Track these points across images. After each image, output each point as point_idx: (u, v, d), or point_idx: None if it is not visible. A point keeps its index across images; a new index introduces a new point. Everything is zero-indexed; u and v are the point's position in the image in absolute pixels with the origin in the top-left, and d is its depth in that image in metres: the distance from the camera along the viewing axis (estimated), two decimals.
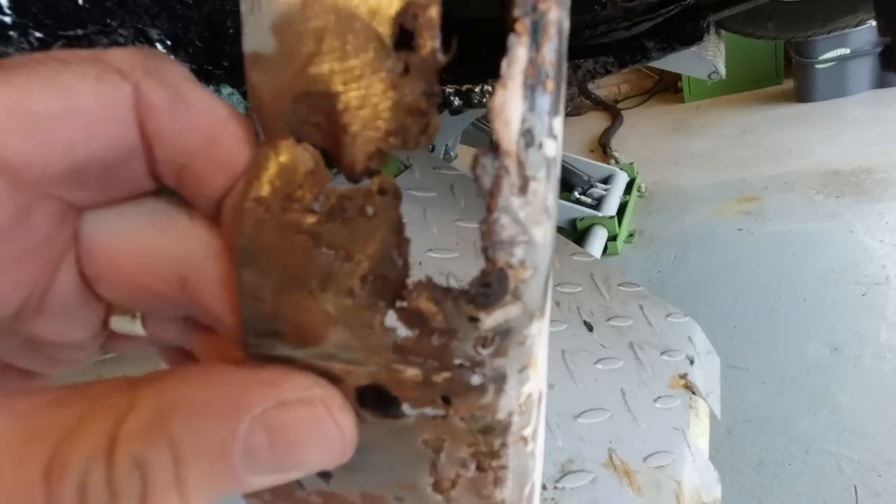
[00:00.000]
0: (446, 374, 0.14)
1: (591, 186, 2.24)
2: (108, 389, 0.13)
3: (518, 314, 0.13)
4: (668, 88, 3.67)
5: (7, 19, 0.25)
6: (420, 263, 0.55)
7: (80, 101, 0.13)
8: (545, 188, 0.13)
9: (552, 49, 0.12)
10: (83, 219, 0.15)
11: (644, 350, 0.57)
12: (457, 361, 0.14)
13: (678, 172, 2.54)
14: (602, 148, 2.98)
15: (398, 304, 0.14)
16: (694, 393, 0.56)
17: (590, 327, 0.56)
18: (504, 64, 0.11)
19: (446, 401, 0.15)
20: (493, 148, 0.12)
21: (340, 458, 0.15)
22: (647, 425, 0.50)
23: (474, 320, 0.13)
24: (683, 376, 0.57)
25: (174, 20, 0.34)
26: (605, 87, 3.81)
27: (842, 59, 2.63)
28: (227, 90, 0.38)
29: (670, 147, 2.89)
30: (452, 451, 0.16)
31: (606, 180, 2.30)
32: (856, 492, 1.05)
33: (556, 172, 0.13)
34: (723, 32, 1.74)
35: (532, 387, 0.16)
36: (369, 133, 0.13)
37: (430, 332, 0.14)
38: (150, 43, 0.33)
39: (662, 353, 0.58)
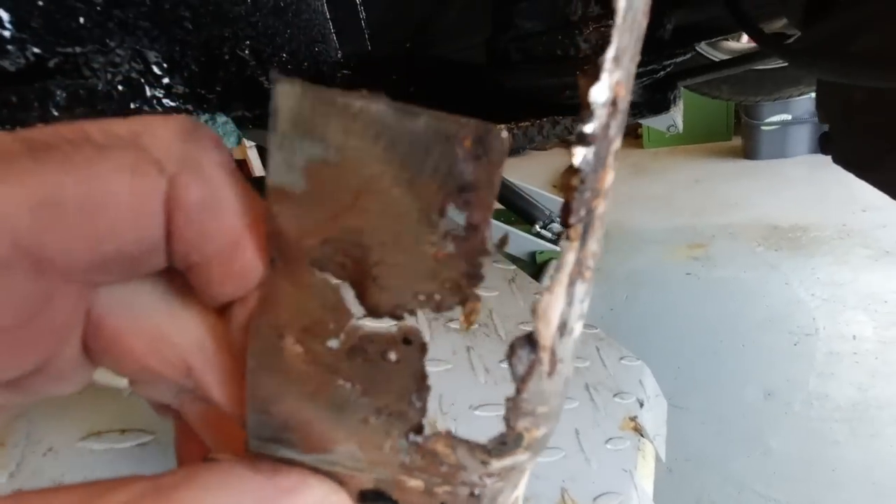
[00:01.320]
0: (448, 489, 0.15)
1: (552, 221, 2.31)
2: (133, 495, 0.13)
3: (525, 459, 0.15)
4: (630, 133, 3.86)
5: (6, 33, 0.25)
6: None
7: (114, 197, 0.13)
8: (568, 364, 0.14)
9: (596, 239, 0.13)
10: (96, 295, 0.15)
11: (598, 391, 0.60)
12: (461, 482, 0.15)
13: (635, 214, 2.66)
14: None
15: (412, 437, 0.14)
16: (642, 435, 0.59)
17: None
18: (552, 267, 0.12)
19: None
20: (531, 342, 0.13)
21: None
22: (598, 466, 0.52)
23: (485, 463, 0.14)
24: (633, 419, 0.60)
25: (172, 43, 0.34)
26: None
27: (784, 124, 2.86)
28: (221, 118, 0.38)
29: (628, 189, 3.03)
30: None
31: None
32: None
33: (578, 342, 0.14)
34: (681, 90, 1.87)
35: (519, 492, 0.16)
36: (401, 291, 0.13)
37: (440, 464, 0.14)
38: (147, 64, 0.33)
39: (615, 395, 0.61)
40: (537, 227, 2.26)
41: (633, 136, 3.83)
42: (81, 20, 0.29)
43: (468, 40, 0.58)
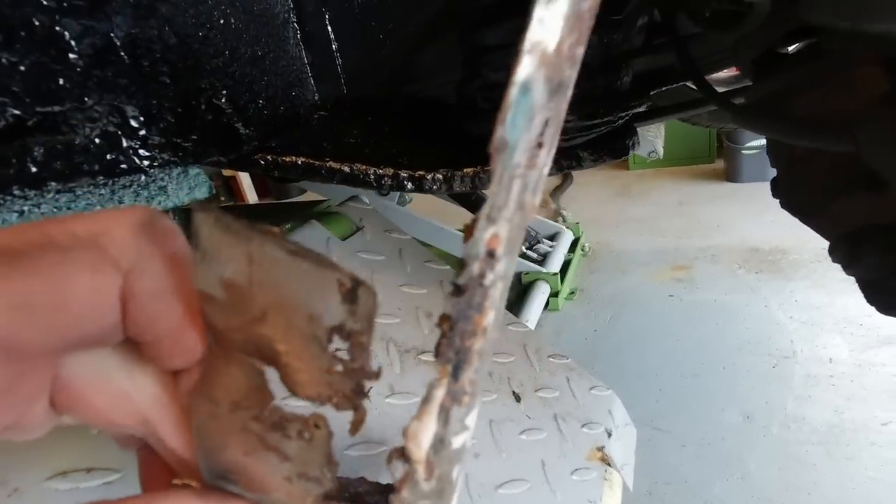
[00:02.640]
0: None
1: (538, 242, 2.34)
2: None
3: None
4: None
5: None
6: None
7: (77, 295, 0.15)
8: (450, 469, 0.16)
9: (473, 370, 0.14)
10: (62, 361, 0.17)
11: (567, 422, 0.61)
12: None
13: (620, 235, 2.70)
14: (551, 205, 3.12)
15: (325, 501, 0.17)
16: (609, 465, 0.60)
17: (518, 398, 0.60)
18: (422, 401, 0.14)
19: None
20: (405, 457, 0.15)
21: None
22: (563, 497, 0.53)
23: None
24: (601, 448, 0.61)
25: (150, 97, 0.36)
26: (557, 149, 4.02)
27: (763, 149, 2.93)
28: (193, 170, 0.40)
29: (614, 210, 3.07)
30: None
31: (553, 237, 2.41)
32: None
33: (464, 453, 0.16)
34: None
35: None
36: (306, 387, 0.16)
37: None
38: (125, 118, 0.35)
39: (583, 426, 0.62)
40: (523, 248, 2.30)
41: None
42: (61, 81, 0.31)
43: (442, 78, 0.60)
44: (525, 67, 0.11)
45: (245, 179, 3.28)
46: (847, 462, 1.31)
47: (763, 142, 2.90)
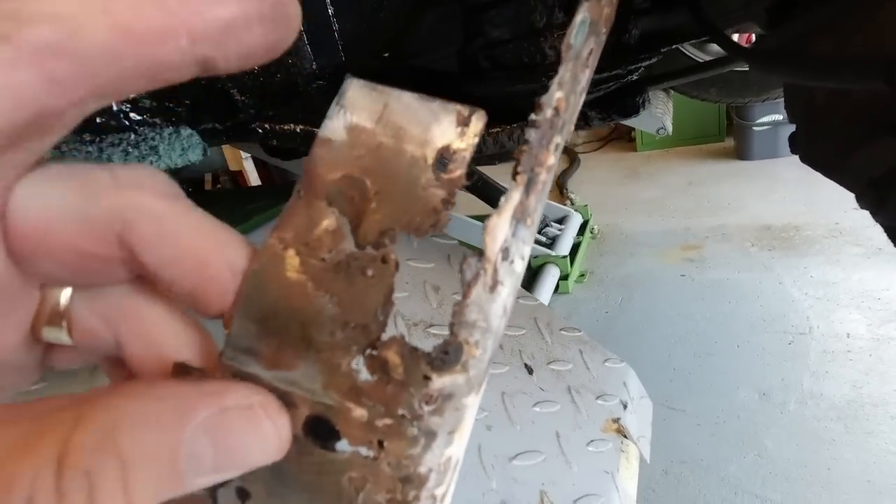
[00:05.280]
0: (388, 421, 0.16)
1: (547, 225, 2.32)
2: (53, 407, 0.14)
3: (462, 383, 0.16)
4: (623, 137, 3.87)
5: None
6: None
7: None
8: (507, 293, 0.16)
9: (537, 199, 0.17)
10: (10, 200, 0.15)
11: (581, 394, 0.60)
12: (400, 412, 0.16)
13: (629, 217, 2.67)
14: (559, 188, 3.10)
15: (368, 352, 0.16)
16: (626, 437, 0.59)
17: (530, 370, 0.58)
18: (502, 199, 0.16)
19: (381, 444, 0.17)
20: (480, 254, 0.16)
21: (276, 455, 0.17)
22: (579, 468, 0.52)
23: (427, 379, 0.16)
24: (616, 420, 0.60)
25: None
26: None
27: (775, 124, 2.87)
28: (186, 131, 0.39)
29: (622, 192, 3.04)
30: (371, 493, 0.18)
31: (561, 220, 2.39)
32: None
33: (518, 284, 0.17)
34: (672, 92, 1.89)
35: (453, 451, 0.18)
36: (392, 215, 0.16)
37: (387, 381, 0.16)
38: None
39: (598, 398, 0.61)
40: None
41: (626, 139, 3.84)
42: None
43: (442, 51, 0.58)
44: (583, 7, 0.18)
45: (252, 174, 3.28)
46: (866, 437, 1.29)
47: (775, 117, 2.85)
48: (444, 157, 0.16)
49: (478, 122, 0.16)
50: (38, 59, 0.13)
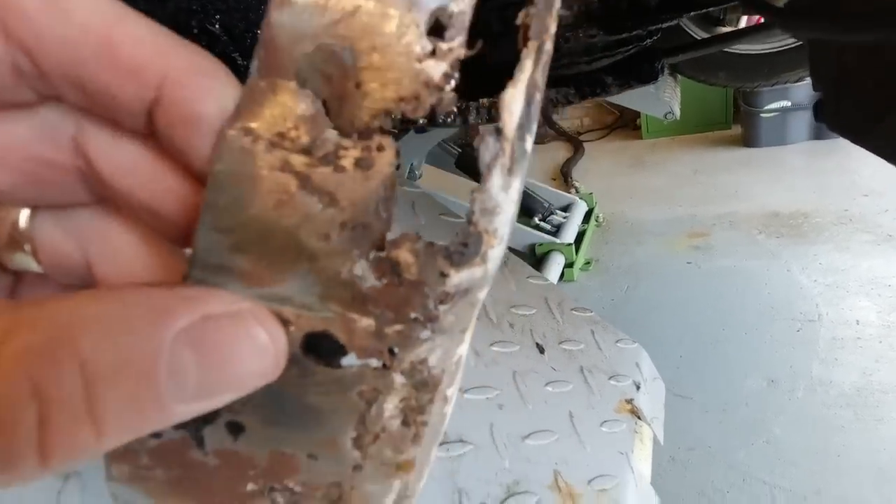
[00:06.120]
0: (399, 327, 0.15)
1: (552, 213, 2.30)
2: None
3: (480, 276, 0.14)
4: (628, 125, 3.84)
5: None
6: None
7: None
8: (521, 176, 0.14)
9: (543, 72, 0.14)
10: None
11: (593, 374, 0.58)
12: (413, 315, 0.14)
13: (634, 205, 2.65)
14: (563, 177, 3.07)
15: (373, 254, 0.14)
16: (639, 418, 0.58)
17: (541, 350, 0.57)
18: (516, 70, 0.14)
19: (392, 353, 0.15)
20: (498, 132, 0.14)
21: (274, 371, 0.14)
22: (593, 448, 0.51)
23: (444, 276, 0.14)
24: (630, 401, 0.59)
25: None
26: (568, 120, 3.95)
27: (784, 111, 2.83)
28: None
29: (627, 180, 3.01)
30: (384, 405, 0.16)
31: (566, 208, 2.37)
32: None
33: (526, 168, 0.15)
34: (679, 77, 1.85)
35: (463, 349, 0.17)
36: (384, 93, 0.13)
37: (398, 283, 0.14)
38: None
39: (610, 378, 0.60)
40: (536, 220, 2.26)
41: (631, 127, 3.80)
42: None
43: None
44: None
45: None
46: (876, 424, 1.27)
47: (783, 104, 2.81)
48: (439, 22, 0.14)
49: None
50: None
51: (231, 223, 0.14)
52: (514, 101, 0.14)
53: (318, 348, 0.15)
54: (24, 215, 0.16)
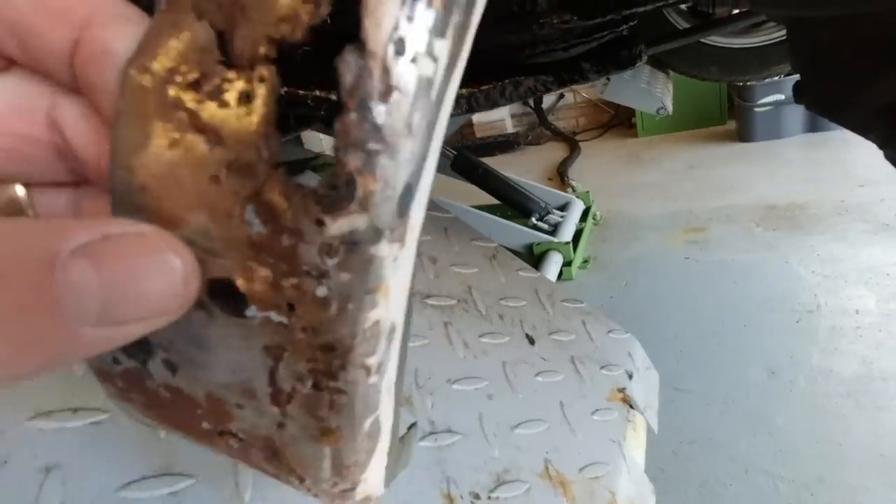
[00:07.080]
0: (294, 280, 0.14)
1: (549, 213, 2.30)
2: None
3: (364, 227, 0.13)
4: (623, 123, 3.84)
5: None
6: None
7: None
8: (411, 104, 0.12)
9: None
10: None
11: (584, 364, 0.58)
12: (304, 268, 0.14)
13: (631, 202, 2.65)
14: (560, 176, 3.07)
15: (257, 198, 0.13)
16: (632, 406, 0.57)
17: (532, 340, 0.57)
18: None
19: (291, 308, 0.14)
20: (360, 47, 0.12)
21: (184, 297, 0.14)
22: (584, 437, 0.50)
23: (320, 224, 0.13)
24: (622, 390, 0.58)
25: None
26: (564, 120, 3.95)
27: (777, 104, 2.83)
28: None
29: (624, 178, 3.01)
30: (291, 363, 0.16)
31: (563, 207, 2.37)
32: None
33: (435, 96, 0.13)
34: (671, 73, 1.86)
35: (380, 315, 0.15)
36: (264, 16, 0.13)
37: (280, 230, 0.13)
38: None
39: (602, 368, 0.60)
40: (534, 220, 2.25)
41: (627, 125, 3.81)
42: None
43: None
44: None
45: None
46: (878, 411, 1.27)
47: (777, 97, 2.81)
48: None
49: None
50: None
51: (133, 163, 0.14)
52: (381, 6, 0.11)
53: (225, 297, 0.15)
54: (20, 191, 0.16)
